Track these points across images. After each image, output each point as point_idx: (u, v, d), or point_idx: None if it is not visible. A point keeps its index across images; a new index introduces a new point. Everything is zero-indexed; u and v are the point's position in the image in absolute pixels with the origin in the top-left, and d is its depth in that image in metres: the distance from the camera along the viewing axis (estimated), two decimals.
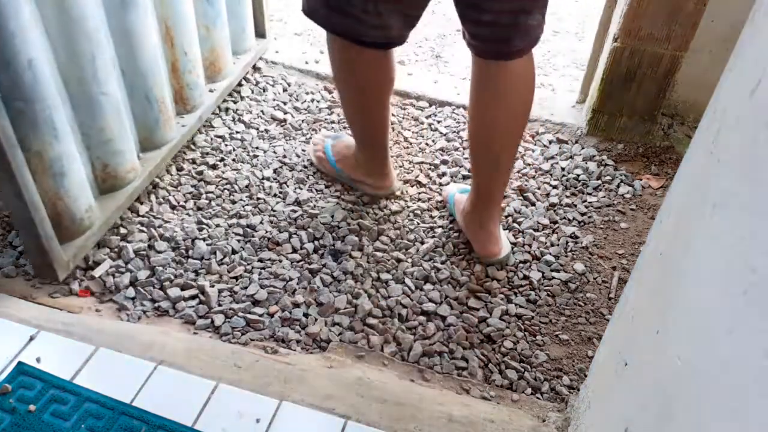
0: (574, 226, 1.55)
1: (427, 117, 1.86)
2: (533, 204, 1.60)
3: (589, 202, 1.62)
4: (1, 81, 1.05)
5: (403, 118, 1.86)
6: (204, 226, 1.45)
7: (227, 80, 1.78)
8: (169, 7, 1.45)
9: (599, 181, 1.68)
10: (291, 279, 1.36)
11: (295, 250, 1.43)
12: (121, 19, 1.30)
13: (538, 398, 1.20)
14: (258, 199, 1.54)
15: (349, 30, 1.22)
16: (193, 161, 1.63)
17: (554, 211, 1.59)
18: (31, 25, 1.08)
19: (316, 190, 1.59)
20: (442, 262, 1.43)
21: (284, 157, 1.67)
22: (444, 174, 1.67)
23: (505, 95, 1.24)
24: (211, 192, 1.55)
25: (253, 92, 1.88)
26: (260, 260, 1.40)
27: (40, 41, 1.12)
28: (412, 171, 1.68)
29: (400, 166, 1.69)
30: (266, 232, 1.45)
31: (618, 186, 1.67)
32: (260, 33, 1.97)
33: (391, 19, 1.19)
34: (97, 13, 1.22)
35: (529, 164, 1.72)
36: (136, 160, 1.44)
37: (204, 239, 1.42)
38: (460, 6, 1.19)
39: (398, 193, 1.59)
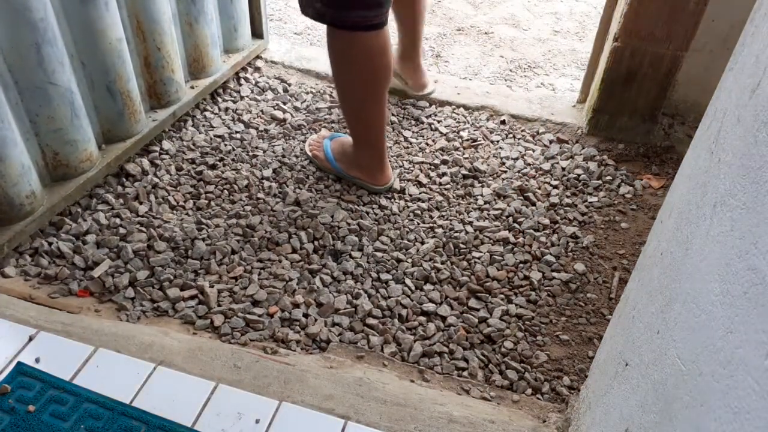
0: (574, 226, 1.55)
1: (427, 117, 1.86)
2: (534, 204, 1.60)
3: (590, 202, 1.62)
4: None
5: (403, 118, 1.86)
6: (203, 226, 1.45)
7: (212, 78, 1.78)
8: (139, 3, 1.47)
9: (600, 181, 1.68)
10: (291, 279, 1.35)
11: (294, 251, 1.42)
12: (79, 12, 1.32)
13: (538, 399, 1.19)
14: (257, 199, 1.54)
15: (346, 20, 1.32)
16: (193, 161, 1.63)
17: (555, 211, 1.58)
18: None
19: (316, 190, 1.59)
20: (442, 262, 1.43)
21: (284, 157, 1.67)
22: (444, 174, 1.67)
23: None
24: (211, 192, 1.55)
25: (252, 92, 1.88)
26: (260, 260, 1.40)
27: None
28: (412, 171, 1.68)
29: (400, 166, 1.69)
30: (266, 232, 1.45)
31: (618, 186, 1.67)
32: (257, 33, 1.97)
33: None
34: (43, 4, 1.23)
35: (530, 164, 1.72)
36: (94, 150, 1.46)
37: (203, 239, 1.42)
38: None
39: (396, 186, 1.62)
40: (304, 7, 1.36)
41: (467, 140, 1.79)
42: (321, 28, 2.29)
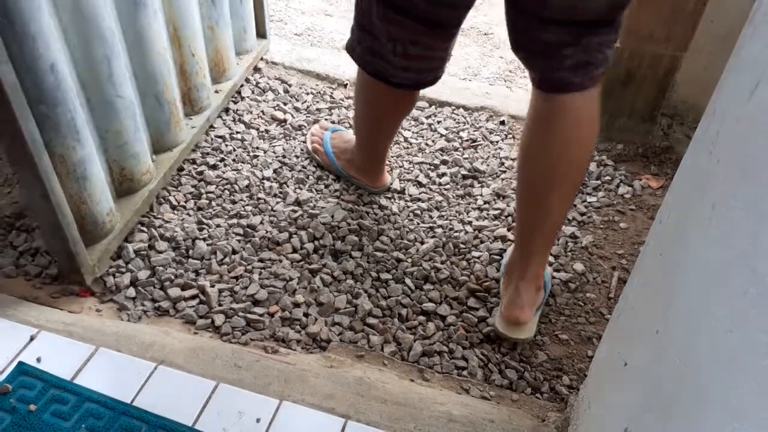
0: (573, 226, 1.55)
1: (427, 117, 1.87)
2: None
3: (589, 202, 1.62)
4: (25, 85, 1.04)
5: None
6: (204, 226, 1.46)
7: (232, 81, 1.78)
8: (176, 8, 1.45)
9: (599, 181, 1.68)
10: (291, 279, 1.36)
11: (295, 250, 1.43)
12: (132, 20, 1.30)
13: (537, 398, 1.20)
14: (258, 199, 1.54)
15: (380, 70, 1.24)
16: (194, 161, 1.63)
17: None
18: (50, 28, 1.07)
19: (316, 190, 1.59)
20: (442, 262, 1.43)
21: (284, 157, 1.68)
22: (444, 174, 1.67)
23: (558, 133, 1.12)
24: (212, 192, 1.55)
25: (253, 92, 1.89)
26: (260, 260, 1.40)
27: (60, 44, 1.12)
28: (412, 171, 1.68)
29: (400, 166, 1.69)
30: (266, 232, 1.45)
31: (617, 186, 1.67)
32: (261, 33, 1.97)
33: (421, 63, 1.21)
34: (110, 14, 1.22)
35: None
36: (150, 162, 1.44)
37: (204, 239, 1.42)
38: (513, 34, 1.12)
39: (396, 187, 1.62)
40: (349, 49, 1.31)
41: (467, 140, 1.79)
42: (321, 29, 2.29)
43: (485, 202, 1.60)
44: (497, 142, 1.80)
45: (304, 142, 1.73)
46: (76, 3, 1.13)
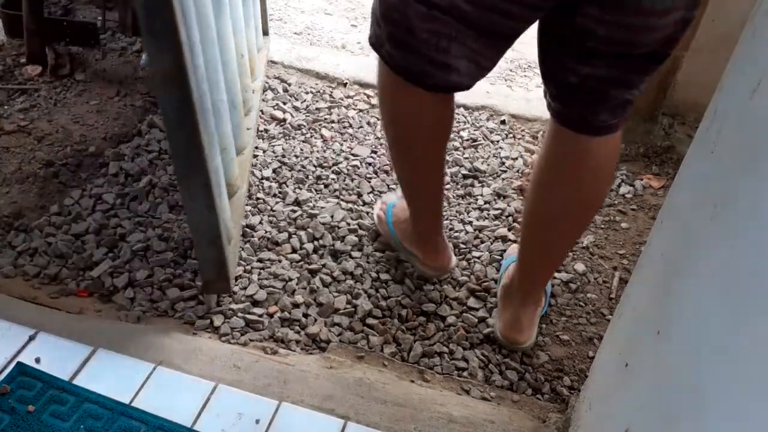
0: None
1: None
2: None
3: None
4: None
5: None
6: None
7: (260, 80, 1.76)
8: (232, 9, 1.40)
9: None
10: (290, 279, 1.35)
11: (294, 250, 1.42)
12: (216, 23, 1.25)
13: (538, 399, 1.19)
14: (257, 199, 1.54)
15: (413, 68, 0.99)
16: None
17: None
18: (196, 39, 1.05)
19: (316, 190, 1.59)
20: None
21: (283, 156, 1.67)
22: (444, 174, 1.66)
23: (578, 176, 1.04)
24: None
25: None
26: (259, 260, 1.39)
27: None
28: None
29: None
30: (266, 232, 1.45)
31: (619, 186, 1.67)
32: (264, 30, 1.97)
33: (462, 61, 0.97)
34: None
35: (530, 164, 1.72)
36: (237, 167, 1.42)
37: None
38: (544, 64, 1.00)
39: (456, 275, 1.36)
40: (375, 46, 1.05)
41: (467, 140, 1.78)
42: (321, 28, 2.29)
43: (486, 202, 1.59)
44: (498, 141, 1.79)
45: (304, 141, 1.73)
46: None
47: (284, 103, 1.86)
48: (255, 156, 1.66)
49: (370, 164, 1.67)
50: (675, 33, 0.88)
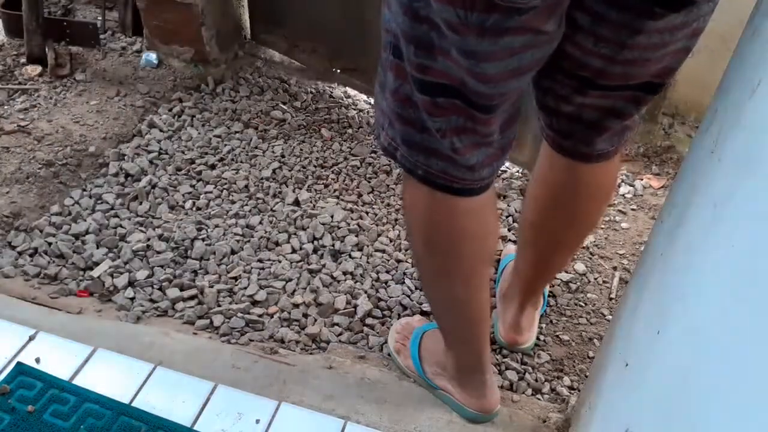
0: None
1: None
2: None
3: None
4: None
5: None
6: (203, 226, 1.45)
7: None
8: None
9: None
10: (290, 279, 1.35)
11: (294, 251, 1.42)
12: None
13: (538, 399, 1.19)
14: (257, 199, 1.54)
15: (432, 171, 0.83)
16: (192, 161, 1.62)
17: None
18: None
19: (316, 190, 1.59)
20: None
21: (283, 156, 1.67)
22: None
23: (576, 202, 1.01)
24: (210, 192, 1.55)
25: (252, 92, 1.88)
26: (259, 260, 1.39)
27: None
28: None
29: None
30: (265, 232, 1.45)
31: (619, 186, 1.67)
32: None
33: (476, 152, 0.81)
34: None
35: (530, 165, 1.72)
36: None
37: (203, 239, 1.42)
38: (538, 92, 0.93)
39: (505, 419, 1.11)
40: (375, 129, 0.90)
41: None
42: None
43: None
44: None
45: (303, 141, 1.72)
46: None
47: (284, 103, 1.86)
48: (255, 156, 1.66)
49: (370, 164, 1.67)
50: (674, 63, 0.85)
